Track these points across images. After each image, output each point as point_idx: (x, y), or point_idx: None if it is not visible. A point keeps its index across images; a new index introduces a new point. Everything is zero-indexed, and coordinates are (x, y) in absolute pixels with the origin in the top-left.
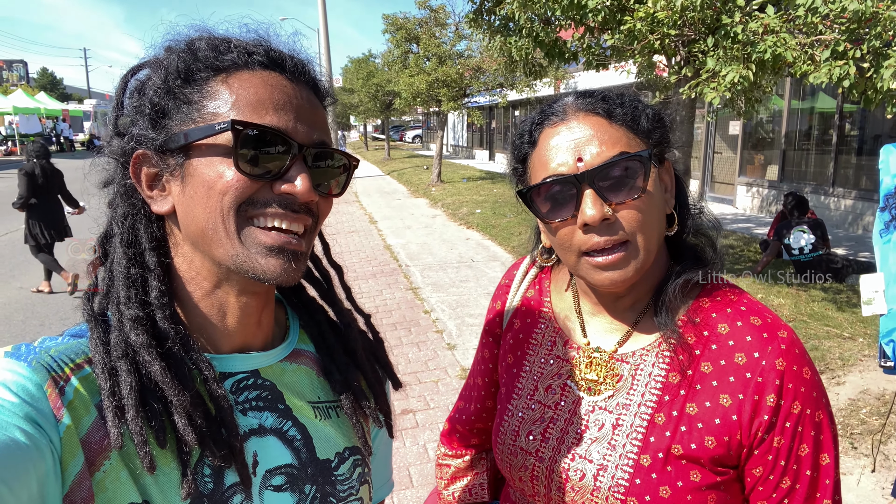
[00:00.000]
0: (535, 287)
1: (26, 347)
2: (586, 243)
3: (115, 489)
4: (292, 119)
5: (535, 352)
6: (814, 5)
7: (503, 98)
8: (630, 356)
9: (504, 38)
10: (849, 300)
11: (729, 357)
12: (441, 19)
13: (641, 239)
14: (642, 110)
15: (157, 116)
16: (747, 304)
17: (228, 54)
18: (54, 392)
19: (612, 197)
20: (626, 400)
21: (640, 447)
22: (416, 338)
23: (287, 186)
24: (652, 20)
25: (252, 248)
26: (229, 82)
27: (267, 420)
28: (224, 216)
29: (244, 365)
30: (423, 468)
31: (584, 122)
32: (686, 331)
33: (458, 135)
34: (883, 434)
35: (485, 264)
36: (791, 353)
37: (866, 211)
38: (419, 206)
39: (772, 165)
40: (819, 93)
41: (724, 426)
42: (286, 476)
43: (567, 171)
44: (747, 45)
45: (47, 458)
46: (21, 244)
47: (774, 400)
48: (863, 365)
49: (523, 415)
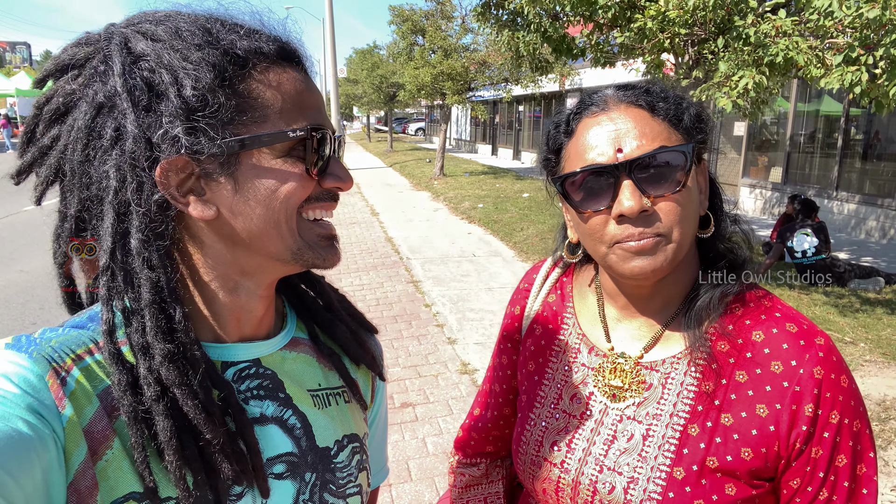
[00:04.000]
0: (556, 292)
1: (27, 339)
2: (620, 234)
3: (117, 478)
4: (320, 113)
5: (559, 359)
6: (829, 9)
7: (508, 93)
8: (660, 364)
9: (512, 33)
10: (851, 305)
11: (765, 366)
12: (447, 12)
13: (678, 234)
14: (686, 107)
15: (194, 119)
16: (782, 311)
17: (255, 47)
18: (56, 383)
19: (651, 189)
20: (656, 410)
21: (674, 459)
22: (417, 331)
23: (334, 181)
24: (663, 19)
25: (312, 241)
26: (267, 80)
27: (268, 409)
28: (287, 216)
29: (246, 354)
30: (422, 462)
31: (626, 114)
32: (719, 338)
33: (461, 128)
34: (883, 440)
35: (486, 259)
36: (829, 361)
37: (869, 215)
38: (421, 199)
39: (776, 167)
40: (825, 96)
41: (761, 437)
42: (287, 464)
43: (606, 160)
44: (759, 47)
45: (50, 448)
46: (21, 227)
47: (813, 409)
48: (864, 370)
49: (546, 424)
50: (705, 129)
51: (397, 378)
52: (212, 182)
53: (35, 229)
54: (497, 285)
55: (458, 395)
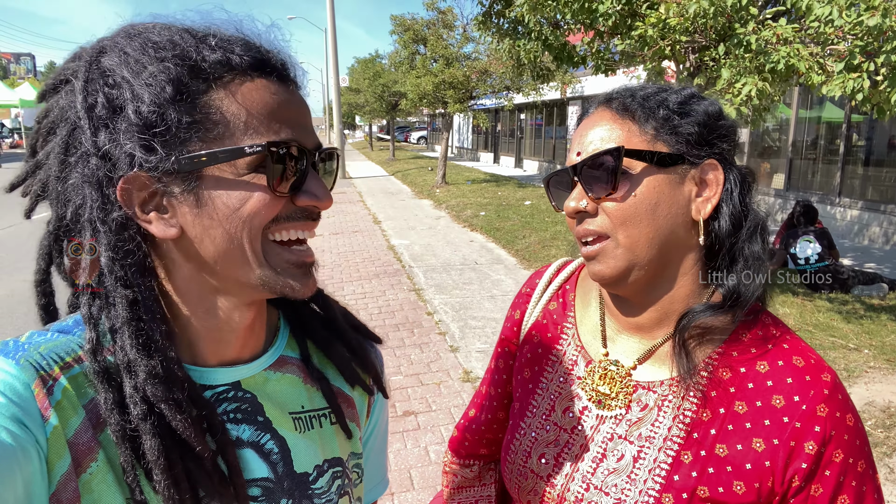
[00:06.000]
0: (558, 299)
1: (14, 343)
2: (574, 230)
3: (101, 491)
4: (298, 127)
5: (554, 369)
6: (830, 17)
7: (509, 101)
8: (658, 385)
9: (513, 41)
10: (854, 311)
11: (766, 398)
12: (449, 21)
13: (623, 237)
14: (656, 106)
15: (149, 136)
16: (790, 343)
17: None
18: (42, 392)
19: (593, 191)
20: (650, 432)
21: (663, 485)
22: (419, 339)
23: (308, 199)
24: (663, 26)
25: (280, 267)
26: (232, 94)
27: (244, 433)
28: (251, 238)
29: (225, 377)
30: (424, 471)
31: (598, 117)
32: (721, 365)
33: (463, 137)
34: (888, 447)
35: (488, 267)
36: (834, 399)
37: (872, 221)
38: (423, 207)
39: (778, 174)
40: (827, 103)
41: (755, 472)
42: (262, 489)
43: (569, 163)
44: (760, 54)
45: (33, 459)
46: (25, 237)
47: (815, 447)
48: (868, 376)
49: (536, 435)
50: (703, 128)
51: (399, 386)
52: (174, 200)
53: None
54: (499, 293)
55: (460, 403)
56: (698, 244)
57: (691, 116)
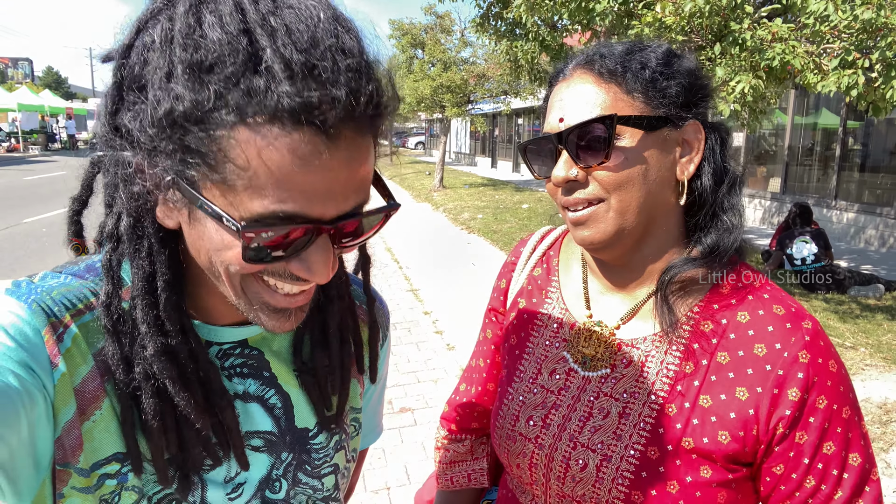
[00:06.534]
0: (542, 265)
1: (27, 285)
2: (561, 199)
3: (102, 438)
4: (320, 196)
5: (540, 333)
6: (825, 13)
7: (507, 105)
8: (641, 342)
9: (510, 43)
10: (851, 311)
11: (748, 347)
12: (446, 26)
13: (616, 201)
14: (639, 68)
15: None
16: (771, 292)
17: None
18: (52, 338)
19: (582, 159)
20: (634, 388)
21: (648, 438)
22: (416, 338)
23: (299, 269)
24: (660, 26)
25: (256, 303)
26: (249, 141)
27: (251, 387)
28: (229, 277)
29: (232, 336)
30: (420, 466)
31: (579, 80)
32: (703, 318)
33: (460, 141)
34: (885, 442)
35: (485, 268)
36: (816, 345)
37: (868, 224)
38: (421, 210)
39: (774, 178)
40: (823, 109)
41: (739, 420)
42: (265, 440)
43: (551, 130)
44: (755, 52)
45: (39, 404)
46: (21, 239)
47: (798, 394)
48: (865, 374)
49: (524, 399)
50: (688, 88)
51: (396, 384)
52: (176, 208)
53: (34, 241)
54: None
55: None
56: (678, 203)
57: (676, 78)
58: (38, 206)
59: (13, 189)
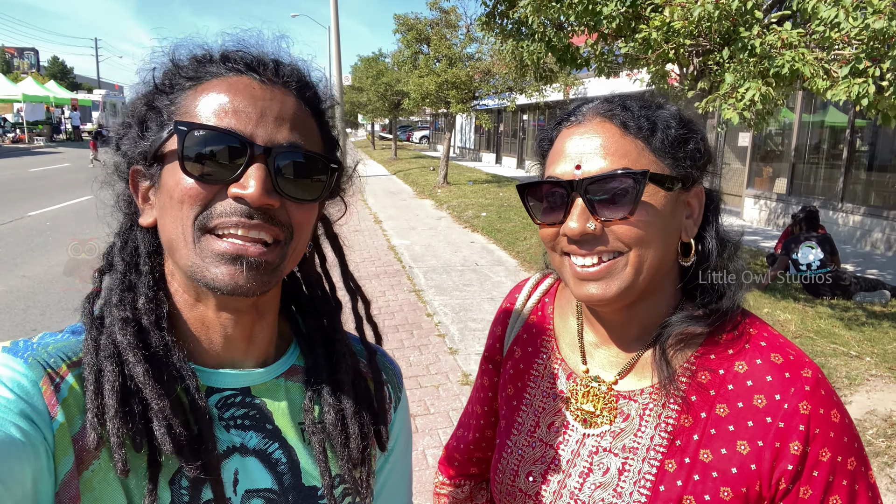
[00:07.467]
0: (537, 313)
1: (24, 343)
2: (569, 247)
3: (101, 489)
4: (253, 120)
5: (537, 384)
6: (836, 20)
7: (512, 102)
8: (638, 394)
9: (516, 42)
10: (856, 318)
11: (747, 399)
12: (452, 21)
13: (634, 256)
14: (665, 127)
15: (140, 130)
16: (768, 339)
17: (203, 63)
18: (49, 389)
19: (601, 211)
20: (633, 443)
21: (650, 496)
22: (418, 341)
23: (237, 189)
24: (668, 29)
25: (206, 256)
26: (198, 90)
27: (251, 440)
28: (184, 225)
29: (234, 382)
30: (422, 474)
31: (597, 130)
32: (700, 369)
33: (465, 137)
34: (889, 457)
35: (489, 268)
36: (817, 395)
37: (875, 227)
38: (425, 207)
39: (780, 178)
40: (830, 107)
41: (741, 476)
42: (265, 500)
43: (564, 176)
44: (764, 58)
45: (41, 455)
46: (24, 233)
47: (800, 447)
48: (870, 384)
49: (523, 453)
50: (695, 152)
51: None
52: (154, 191)
53: (38, 235)
54: (499, 295)
55: (458, 406)
56: (677, 262)
57: (692, 141)
58: (42, 199)
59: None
